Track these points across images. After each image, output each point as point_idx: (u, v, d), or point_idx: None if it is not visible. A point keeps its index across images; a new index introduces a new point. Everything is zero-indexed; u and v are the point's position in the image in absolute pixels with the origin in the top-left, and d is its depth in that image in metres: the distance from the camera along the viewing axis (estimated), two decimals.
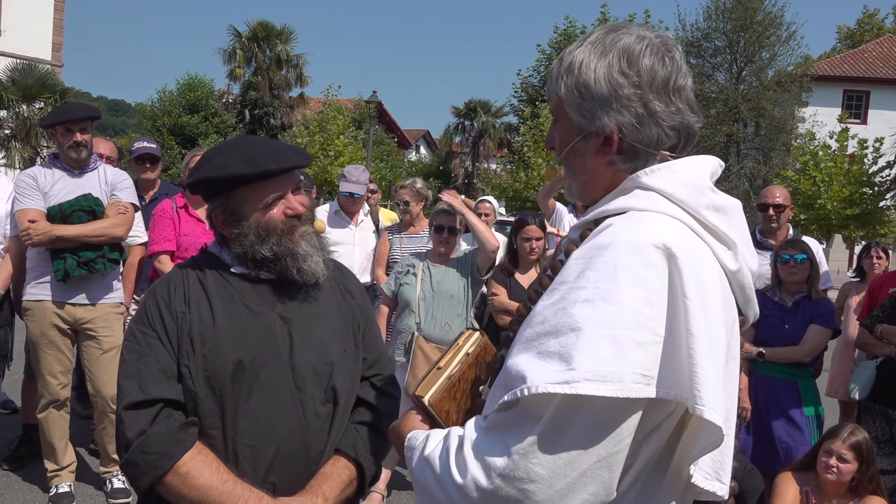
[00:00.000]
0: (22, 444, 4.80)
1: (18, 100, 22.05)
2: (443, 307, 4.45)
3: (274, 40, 35.88)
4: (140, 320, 1.81)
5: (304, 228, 1.85)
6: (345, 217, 5.62)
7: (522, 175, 28.56)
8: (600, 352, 1.08)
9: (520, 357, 1.15)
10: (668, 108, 1.28)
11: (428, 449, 1.25)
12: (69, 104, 4.61)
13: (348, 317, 1.96)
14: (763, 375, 4.31)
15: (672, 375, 1.12)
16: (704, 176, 1.29)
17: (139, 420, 1.70)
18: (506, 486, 1.10)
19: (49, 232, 3.95)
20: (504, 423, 1.14)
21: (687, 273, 1.13)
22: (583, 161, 1.33)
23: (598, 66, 1.28)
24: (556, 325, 1.12)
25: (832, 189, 24.10)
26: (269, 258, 1.81)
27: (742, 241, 1.28)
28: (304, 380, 1.81)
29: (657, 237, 1.15)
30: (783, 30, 31.73)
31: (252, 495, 1.71)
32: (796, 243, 4.43)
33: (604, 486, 1.11)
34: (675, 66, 1.29)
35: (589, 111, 1.28)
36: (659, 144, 1.29)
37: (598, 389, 1.06)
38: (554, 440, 1.09)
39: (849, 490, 3.58)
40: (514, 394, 1.11)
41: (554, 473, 1.08)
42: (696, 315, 1.11)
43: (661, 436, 1.19)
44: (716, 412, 1.10)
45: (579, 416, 1.09)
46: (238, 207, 1.82)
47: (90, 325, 4.17)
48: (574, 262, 1.19)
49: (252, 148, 1.82)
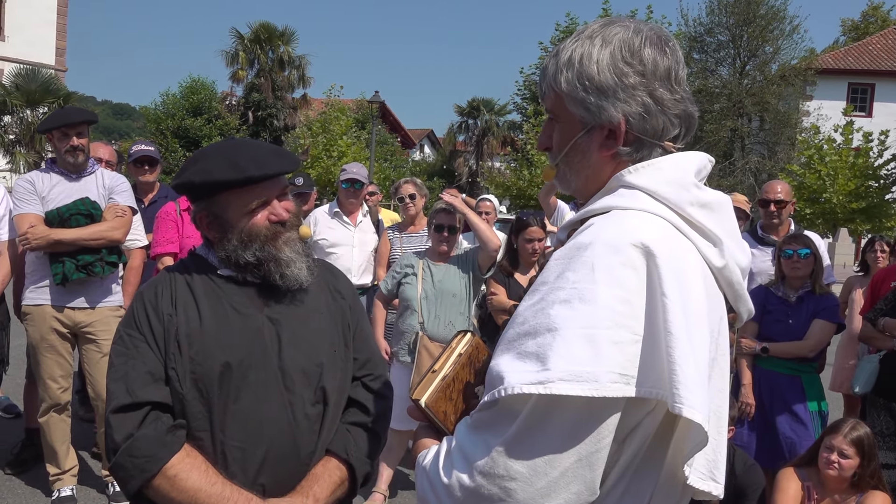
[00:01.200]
0: (24, 448, 4.81)
1: (22, 105, 22.18)
2: (446, 306, 4.44)
3: (276, 42, 35.96)
4: (127, 323, 1.81)
5: (288, 234, 1.84)
6: (344, 218, 5.60)
7: (526, 173, 28.57)
8: (576, 352, 1.07)
9: (501, 358, 1.15)
10: (673, 95, 1.28)
11: (427, 459, 1.27)
12: (66, 109, 4.62)
13: (338, 317, 1.96)
14: (767, 371, 4.29)
15: (652, 374, 1.11)
16: (689, 172, 1.27)
17: (127, 423, 1.70)
18: (487, 484, 1.10)
19: (47, 236, 3.95)
20: (485, 422, 1.15)
21: (666, 271, 1.12)
22: (586, 157, 1.31)
23: (600, 57, 1.26)
24: (535, 325, 1.12)
25: (838, 183, 24.04)
26: (252, 263, 1.81)
27: (729, 236, 1.27)
28: (294, 381, 1.80)
29: (636, 236, 1.14)
30: (786, 23, 31.62)
31: (241, 497, 1.71)
32: (799, 238, 4.40)
33: (586, 485, 1.10)
34: (676, 56, 1.29)
35: (594, 104, 1.26)
36: (664, 134, 1.28)
37: (572, 389, 1.06)
38: (531, 438, 1.09)
39: (850, 485, 3.56)
40: (493, 394, 1.12)
41: (533, 471, 1.08)
42: (674, 313, 1.10)
43: (643, 434, 1.18)
44: (695, 410, 1.09)
45: (556, 416, 1.09)
46: (222, 212, 1.81)
47: (90, 329, 4.17)
48: (555, 263, 1.19)
49: (237, 153, 1.80)
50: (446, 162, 43.60)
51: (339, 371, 1.89)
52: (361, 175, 5.60)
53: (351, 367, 1.95)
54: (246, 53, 35.67)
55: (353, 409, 1.94)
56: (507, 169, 34.45)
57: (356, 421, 1.93)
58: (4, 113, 22.53)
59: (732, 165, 30.65)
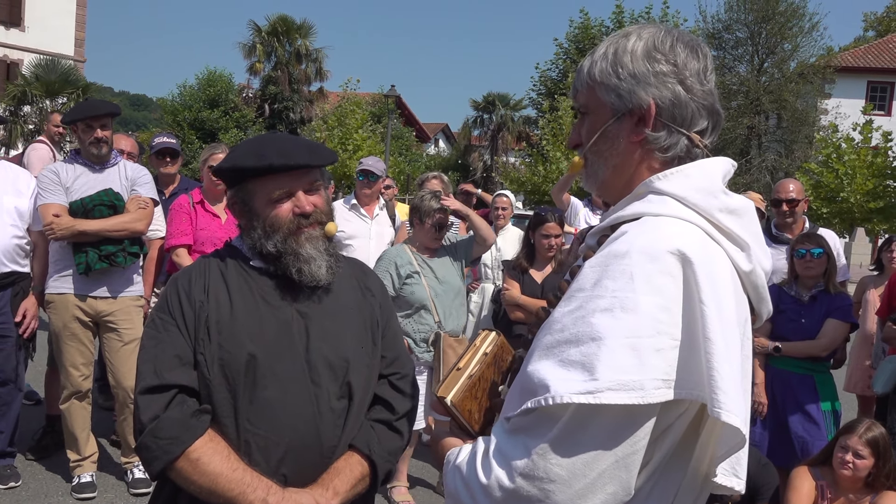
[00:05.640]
0: (45, 435, 4.88)
1: (42, 95, 22.36)
2: (451, 300, 4.49)
3: (294, 35, 36.06)
4: (160, 308, 1.85)
5: (311, 231, 1.86)
6: (361, 211, 5.65)
7: (541, 168, 28.48)
8: (621, 361, 1.10)
9: (541, 364, 1.17)
10: (703, 87, 1.32)
11: (460, 458, 1.29)
12: (90, 101, 4.69)
13: (367, 314, 1.98)
14: (779, 370, 4.28)
15: (691, 377, 1.14)
16: (717, 179, 1.30)
17: (153, 405, 1.73)
18: (527, 486, 1.13)
19: (72, 227, 4.02)
20: (525, 426, 1.17)
21: (702, 277, 1.15)
22: (614, 144, 1.34)
23: (634, 47, 1.31)
24: (577, 333, 1.14)
25: (855, 182, 23.80)
26: (272, 254, 1.84)
27: (755, 241, 1.30)
28: (320, 374, 1.82)
29: (672, 243, 1.17)
30: (805, 21, 31.31)
31: (261, 484, 1.73)
32: (812, 237, 4.38)
33: (622, 486, 1.13)
34: (706, 62, 1.34)
35: (626, 89, 1.31)
36: (692, 124, 1.32)
37: (621, 398, 1.09)
38: (572, 442, 1.12)
39: (864, 485, 3.56)
40: (538, 401, 1.13)
41: (572, 474, 1.11)
42: (712, 319, 1.13)
43: (674, 434, 1.21)
44: (733, 414, 1.12)
45: (597, 420, 1.11)
46: (248, 199, 1.86)
47: (111, 318, 4.24)
48: (591, 270, 1.20)
49: (266, 143, 1.86)
50: (461, 156, 43.57)
51: (365, 367, 1.91)
52: (377, 168, 5.65)
53: (378, 365, 1.96)
54: (263, 46, 35.80)
55: (378, 407, 1.96)
56: (522, 164, 34.36)
57: (381, 418, 1.94)
58: (24, 103, 22.72)
59: (749, 163, 30.42)
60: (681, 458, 1.25)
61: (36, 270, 4.37)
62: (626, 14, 33.39)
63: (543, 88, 36.63)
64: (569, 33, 35.28)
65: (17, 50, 32.30)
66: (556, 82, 34.89)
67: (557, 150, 26.88)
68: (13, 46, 32.40)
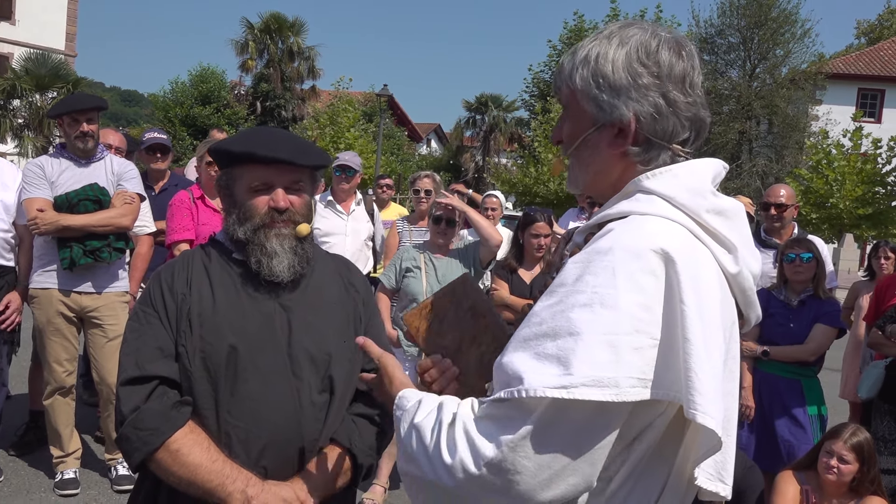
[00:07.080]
0: (28, 431, 4.85)
1: (32, 89, 22.21)
2: None
3: (286, 32, 35.96)
4: (143, 301, 1.86)
5: (282, 228, 1.86)
6: (337, 207, 5.61)
7: (532, 170, 28.55)
8: (598, 357, 1.09)
9: (516, 356, 1.16)
10: (686, 99, 1.29)
11: (419, 416, 1.26)
12: (76, 94, 4.67)
13: (350, 309, 1.98)
14: (767, 374, 4.29)
15: (668, 377, 1.13)
16: (706, 179, 1.28)
17: (134, 396, 1.74)
18: (491, 475, 1.12)
19: (56, 221, 3.98)
20: (497, 416, 1.15)
21: (685, 278, 1.14)
22: (595, 153, 1.33)
23: (615, 56, 1.28)
24: (554, 327, 1.13)
25: (845, 188, 23.97)
26: (241, 240, 1.86)
27: (743, 243, 1.28)
28: (302, 368, 1.83)
29: (656, 242, 1.16)
30: (798, 27, 31.51)
31: (241, 476, 1.73)
32: (802, 242, 4.39)
33: (584, 479, 1.13)
34: (692, 61, 1.30)
35: (606, 101, 1.28)
36: (673, 136, 1.29)
37: (594, 395, 1.08)
38: (543, 436, 1.11)
39: (849, 490, 3.57)
40: (511, 393, 1.12)
41: (539, 466, 1.10)
42: (692, 320, 1.12)
43: (653, 434, 1.20)
44: (709, 416, 1.11)
45: (570, 416, 1.11)
46: (231, 183, 1.89)
47: (95, 314, 4.21)
48: (573, 266, 1.19)
49: (258, 134, 1.92)
50: (453, 157, 43.58)
51: (347, 362, 1.91)
52: (353, 162, 5.62)
53: (360, 360, 1.95)
54: (256, 43, 35.67)
55: (360, 402, 1.96)
56: (514, 165, 34.41)
57: (362, 413, 1.95)
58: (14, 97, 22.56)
59: (739, 168, 30.56)
60: (663, 459, 1.24)
61: (21, 265, 4.33)
62: (620, 17, 33.49)
63: (536, 90, 36.72)
64: (562, 35, 35.32)
65: (7, 43, 32.08)
66: (549, 84, 34.95)
67: (549, 153, 26.95)
68: (3, 40, 32.17)
